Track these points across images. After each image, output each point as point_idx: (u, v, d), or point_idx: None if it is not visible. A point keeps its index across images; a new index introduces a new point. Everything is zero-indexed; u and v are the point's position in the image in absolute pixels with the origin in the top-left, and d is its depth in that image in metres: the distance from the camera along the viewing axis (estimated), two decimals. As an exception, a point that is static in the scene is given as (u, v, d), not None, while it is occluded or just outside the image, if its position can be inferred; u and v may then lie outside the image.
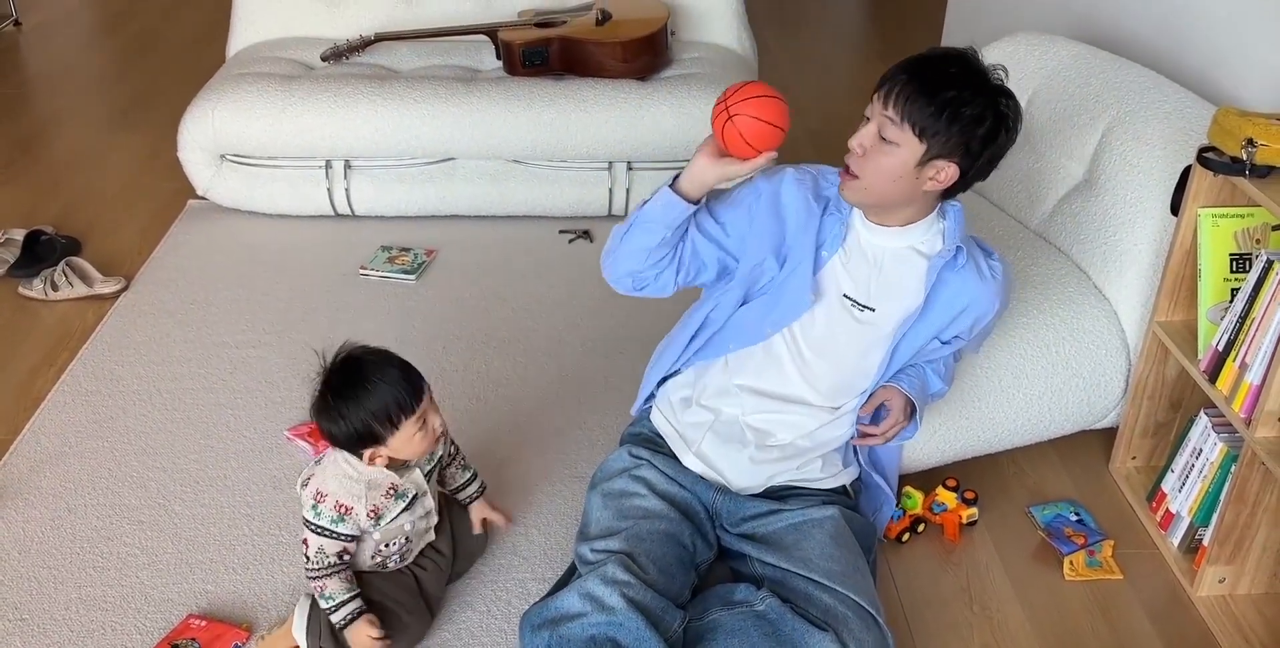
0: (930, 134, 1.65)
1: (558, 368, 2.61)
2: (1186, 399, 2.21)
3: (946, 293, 1.82)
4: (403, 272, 2.99)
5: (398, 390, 1.69)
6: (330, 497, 1.73)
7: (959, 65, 1.66)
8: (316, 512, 1.73)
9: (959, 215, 1.83)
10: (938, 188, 1.71)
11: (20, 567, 2.02)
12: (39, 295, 2.86)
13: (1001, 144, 1.69)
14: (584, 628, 1.68)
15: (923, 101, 1.63)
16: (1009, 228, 2.45)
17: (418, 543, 1.89)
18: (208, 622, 1.90)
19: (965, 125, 1.64)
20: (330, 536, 1.74)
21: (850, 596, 1.74)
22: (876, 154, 1.69)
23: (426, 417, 1.74)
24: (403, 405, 1.69)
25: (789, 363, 1.89)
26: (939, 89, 1.63)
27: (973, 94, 1.64)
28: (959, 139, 1.65)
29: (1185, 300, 2.08)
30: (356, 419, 1.68)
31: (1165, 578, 2.06)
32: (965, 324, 1.87)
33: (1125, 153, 2.26)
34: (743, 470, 1.94)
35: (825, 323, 1.86)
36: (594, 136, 3.10)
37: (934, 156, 1.67)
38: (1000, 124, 1.66)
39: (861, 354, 1.88)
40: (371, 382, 1.68)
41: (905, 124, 1.65)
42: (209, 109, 3.10)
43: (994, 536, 2.16)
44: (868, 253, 1.83)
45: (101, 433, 2.36)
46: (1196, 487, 2.03)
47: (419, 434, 1.73)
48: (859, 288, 1.84)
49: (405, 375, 1.72)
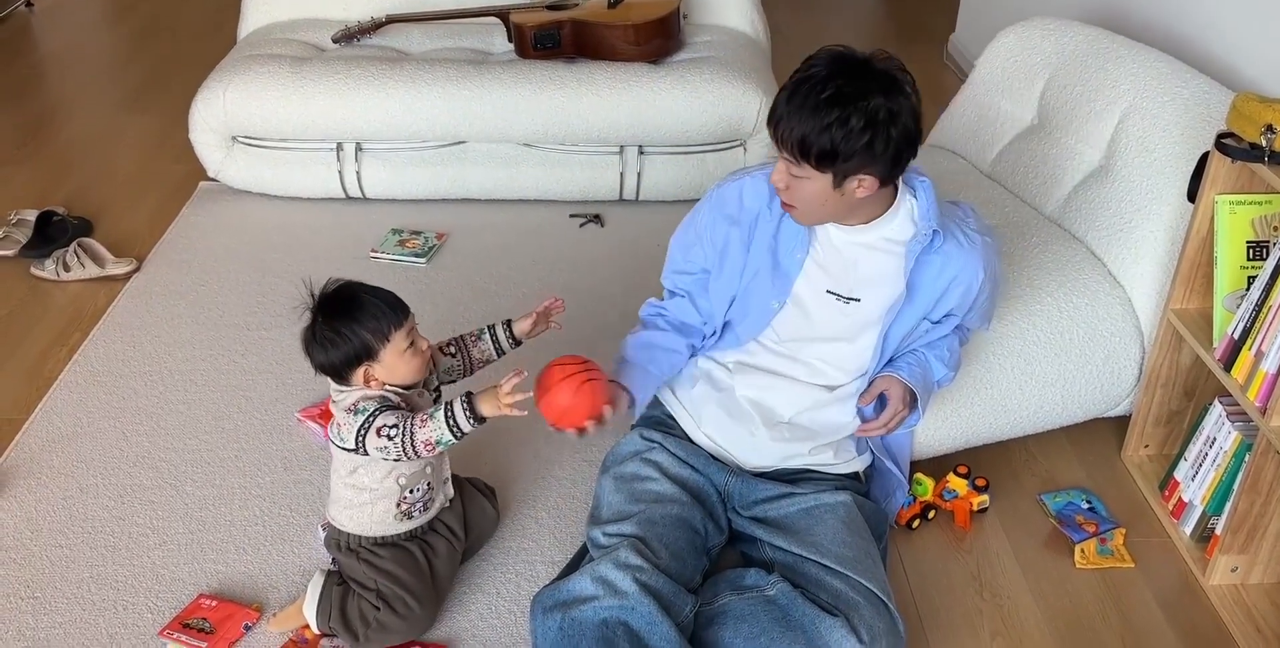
0: (828, 164, 1.64)
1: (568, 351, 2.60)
2: (1200, 388, 2.19)
3: (929, 274, 1.82)
4: (413, 255, 2.98)
5: (385, 306, 1.73)
6: (361, 397, 1.72)
7: (830, 79, 1.60)
8: (361, 410, 1.70)
9: (928, 191, 1.79)
10: (869, 194, 1.70)
11: (32, 546, 2.03)
12: (51, 276, 2.86)
13: (903, 137, 1.64)
14: (596, 612, 1.68)
15: (808, 138, 1.62)
16: (1023, 214, 2.43)
17: (439, 490, 1.88)
18: (219, 602, 1.90)
19: (854, 145, 1.61)
20: (389, 405, 1.72)
21: (861, 581, 1.74)
22: (797, 186, 1.70)
23: (414, 334, 1.76)
24: (392, 319, 1.72)
25: (778, 352, 1.92)
26: (816, 120, 1.60)
27: (850, 111, 1.59)
28: (858, 158, 1.63)
29: (1201, 288, 2.07)
30: (351, 335, 1.70)
31: (1177, 567, 2.06)
32: (954, 299, 1.85)
33: (1142, 139, 2.24)
34: (752, 449, 1.94)
35: (808, 318, 1.88)
36: (605, 120, 3.09)
37: (845, 177, 1.66)
38: (890, 127, 1.62)
39: (850, 338, 1.89)
40: (362, 299, 1.73)
41: (802, 162, 1.65)
42: (220, 90, 3.09)
43: (1005, 523, 2.15)
44: (841, 250, 1.83)
45: (113, 414, 2.37)
46: (1210, 476, 2.02)
47: (409, 352, 1.74)
48: (839, 283, 1.85)
49: (390, 294, 1.76)
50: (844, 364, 1.91)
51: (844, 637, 1.66)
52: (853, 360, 1.90)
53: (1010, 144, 2.61)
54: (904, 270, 1.80)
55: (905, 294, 1.81)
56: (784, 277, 1.86)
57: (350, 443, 1.72)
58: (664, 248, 2.04)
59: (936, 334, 1.92)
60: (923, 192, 1.79)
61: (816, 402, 1.93)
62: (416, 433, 1.69)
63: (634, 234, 3.12)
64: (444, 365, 1.91)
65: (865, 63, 1.63)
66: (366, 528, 1.82)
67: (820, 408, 1.93)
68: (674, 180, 3.23)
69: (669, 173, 3.22)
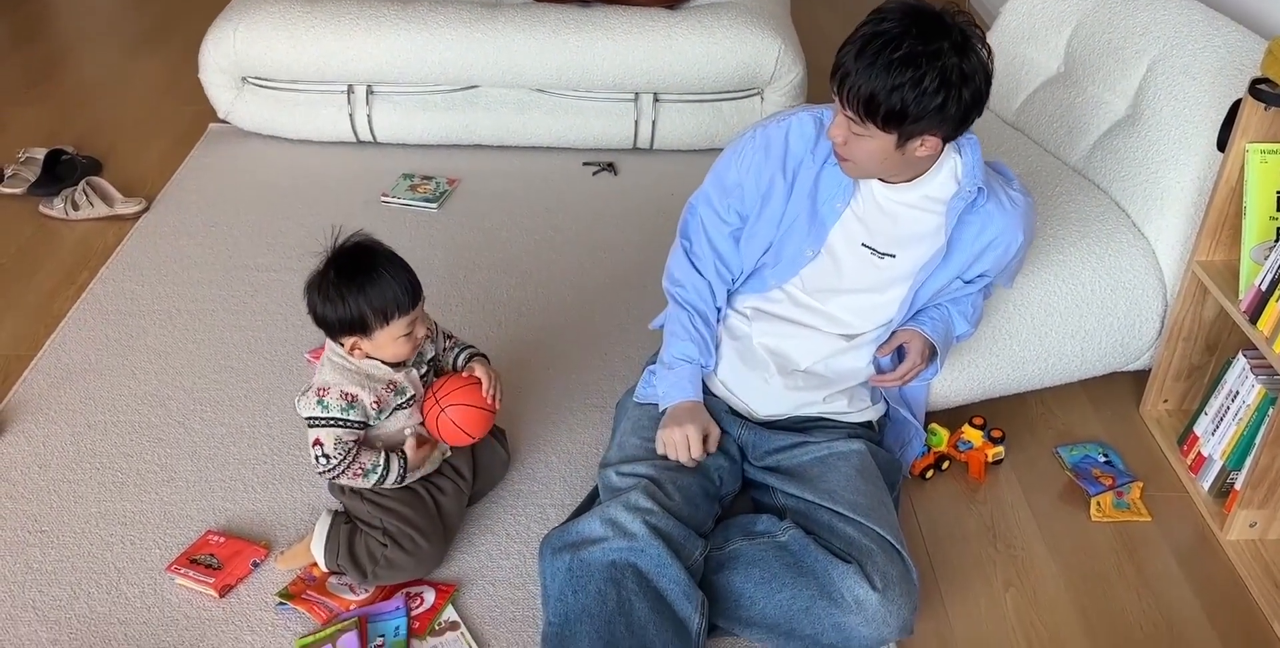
0: (895, 124, 1.58)
1: (579, 298, 2.58)
2: (1223, 341, 2.16)
3: (969, 233, 1.77)
4: (424, 200, 2.95)
5: (400, 288, 1.68)
6: (334, 388, 1.70)
7: (903, 36, 1.53)
8: (324, 405, 1.70)
9: (975, 149, 1.74)
10: (931, 153, 1.65)
11: (40, 481, 2.02)
12: (59, 215, 2.83)
13: (973, 98, 1.59)
14: (605, 553, 1.67)
15: (877, 98, 1.55)
16: (1047, 164, 2.39)
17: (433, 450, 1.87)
18: (226, 538, 1.89)
19: (926, 107, 1.55)
20: (343, 424, 1.70)
21: (875, 528, 1.72)
22: (856, 142, 1.64)
23: (416, 323, 1.72)
24: (400, 304, 1.68)
25: (800, 302, 1.87)
26: (887, 79, 1.53)
27: (924, 71, 1.52)
28: (927, 120, 1.57)
29: (1228, 239, 2.03)
30: (354, 305, 1.66)
31: (1194, 521, 2.04)
32: (990, 261, 1.82)
33: (1171, 87, 2.19)
34: (766, 397, 1.91)
35: (840, 270, 1.83)
36: (620, 66, 3.03)
37: (909, 137, 1.61)
38: (963, 89, 1.56)
39: (880, 291, 1.84)
40: (379, 272, 1.67)
41: (867, 121, 1.59)
42: (230, 30, 3.04)
43: (1020, 475, 2.13)
44: (883, 205, 1.78)
45: (121, 351, 2.35)
46: (1231, 430, 1.99)
47: (403, 338, 1.71)
48: (875, 237, 1.80)
49: (410, 277, 1.71)
50: (868, 315, 1.87)
51: (857, 583, 1.64)
52: (878, 312, 1.86)
53: (1035, 93, 2.55)
54: (945, 229, 1.76)
55: (944, 252, 1.77)
56: (820, 225, 1.81)
57: (301, 417, 1.73)
58: (679, 198, 2.00)
59: (965, 292, 1.88)
60: (969, 149, 1.73)
61: (834, 350, 1.89)
62: (343, 478, 1.73)
63: (648, 183, 3.08)
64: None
65: (939, 18, 1.55)
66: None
67: (837, 355, 1.90)
68: (689, 129, 3.18)
69: (684, 121, 3.17)
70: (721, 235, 1.90)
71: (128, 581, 1.82)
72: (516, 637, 1.75)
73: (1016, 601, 1.87)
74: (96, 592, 1.80)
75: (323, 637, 1.71)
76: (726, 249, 1.90)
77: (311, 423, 1.71)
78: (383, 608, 1.77)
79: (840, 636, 1.66)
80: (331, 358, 1.74)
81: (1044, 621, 1.83)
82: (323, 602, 1.78)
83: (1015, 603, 1.86)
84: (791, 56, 3.07)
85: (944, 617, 1.83)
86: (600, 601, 1.64)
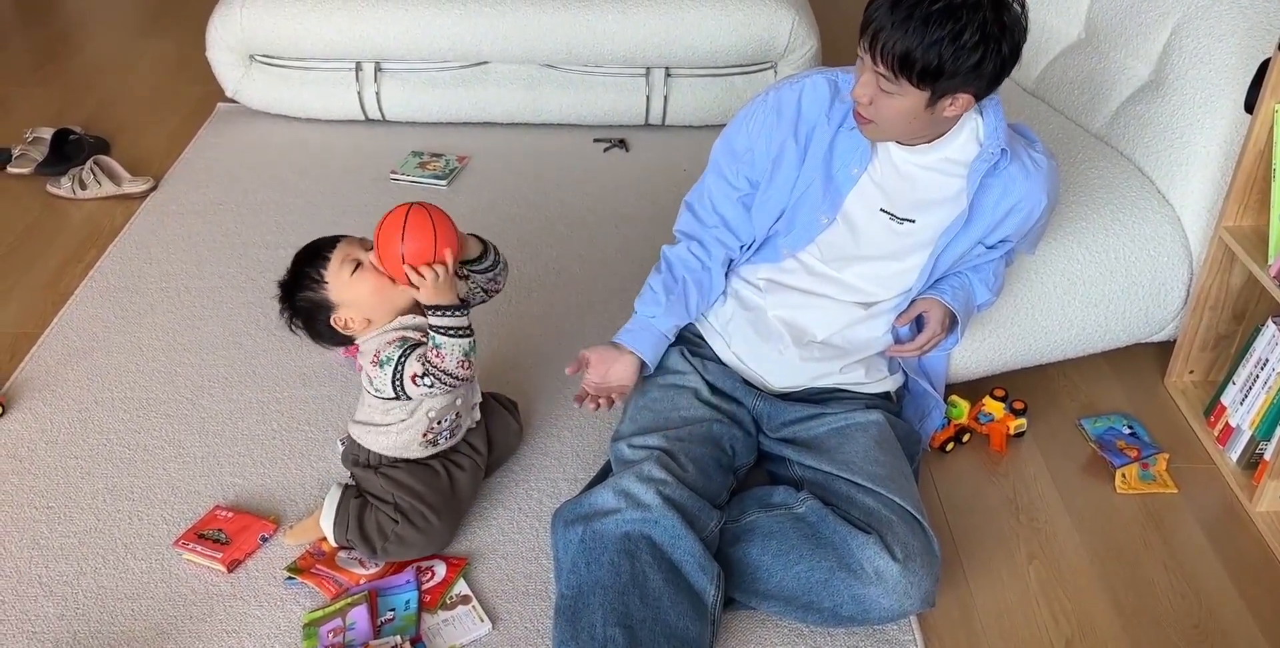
0: (930, 81, 1.52)
1: (591, 275, 2.54)
2: (1251, 310, 2.11)
3: (991, 197, 1.72)
4: (434, 177, 2.91)
5: (305, 254, 1.72)
6: (381, 346, 1.67)
7: None
8: (388, 360, 1.65)
9: (998, 110, 1.68)
10: (959, 112, 1.60)
11: (47, 457, 1.99)
12: (67, 194, 2.81)
13: (1011, 53, 1.54)
14: (618, 524, 1.63)
15: (913, 54, 1.49)
16: (1069, 131, 2.33)
17: (466, 416, 1.82)
18: (235, 513, 1.86)
19: (964, 63, 1.49)
20: (409, 351, 1.65)
21: (894, 499, 1.68)
22: (883, 101, 1.57)
23: (355, 254, 1.68)
24: (312, 262, 1.69)
25: (815, 271, 1.82)
26: (925, 34, 1.47)
27: (964, 24, 1.47)
28: (963, 76, 1.52)
29: (1256, 204, 1.98)
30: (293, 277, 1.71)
31: (1222, 493, 1.99)
32: (1013, 225, 1.76)
33: (1196, 49, 2.13)
34: (781, 369, 1.87)
35: (857, 236, 1.78)
36: (631, 40, 2.99)
37: (942, 95, 1.55)
38: (1002, 43, 1.50)
39: (900, 258, 1.79)
40: (291, 270, 1.73)
41: (900, 78, 1.52)
42: (237, 7, 3.00)
43: (1042, 447, 2.09)
44: (900, 168, 1.72)
45: (129, 329, 2.32)
46: (1260, 399, 1.94)
47: (358, 275, 1.66)
48: (894, 202, 1.74)
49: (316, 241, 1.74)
50: (887, 283, 1.81)
51: (877, 554, 1.60)
52: (898, 279, 1.81)
53: (1055, 60, 2.50)
54: (967, 193, 1.70)
55: (965, 216, 1.72)
56: (835, 191, 1.75)
57: (390, 393, 1.68)
58: (691, 174, 1.96)
59: (987, 258, 1.83)
60: (991, 110, 1.67)
61: (851, 319, 1.84)
62: (444, 366, 1.63)
63: (660, 160, 3.04)
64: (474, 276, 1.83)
65: None
66: (389, 449, 1.78)
67: (854, 325, 1.85)
68: (702, 104, 3.13)
69: (697, 96, 3.12)
70: (729, 201, 1.84)
71: (135, 556, 1.80)
72: (528, 610, 1.72)
73: (1040, 574, 1.82)
74: (104, 567, 1.78)
75: (332, 611, 1.68)
76: (734, 215, 1.85)
77: (396, 382, 1.65)
78: (393, 582, 1.74)
79: (859, 608, 1.62)
80: (362, 345, 1.72)
81: (1069, 594, 1.79)
82: (332, 576, 1.75)
83: (1039, 576, 1.82)
84: (805, 29, 3.02)
85: (966, 590, 1.79)
86: (614, 572, 1.61)
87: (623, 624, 1.57)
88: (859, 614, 1.63)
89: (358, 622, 1.65)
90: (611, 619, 1.57)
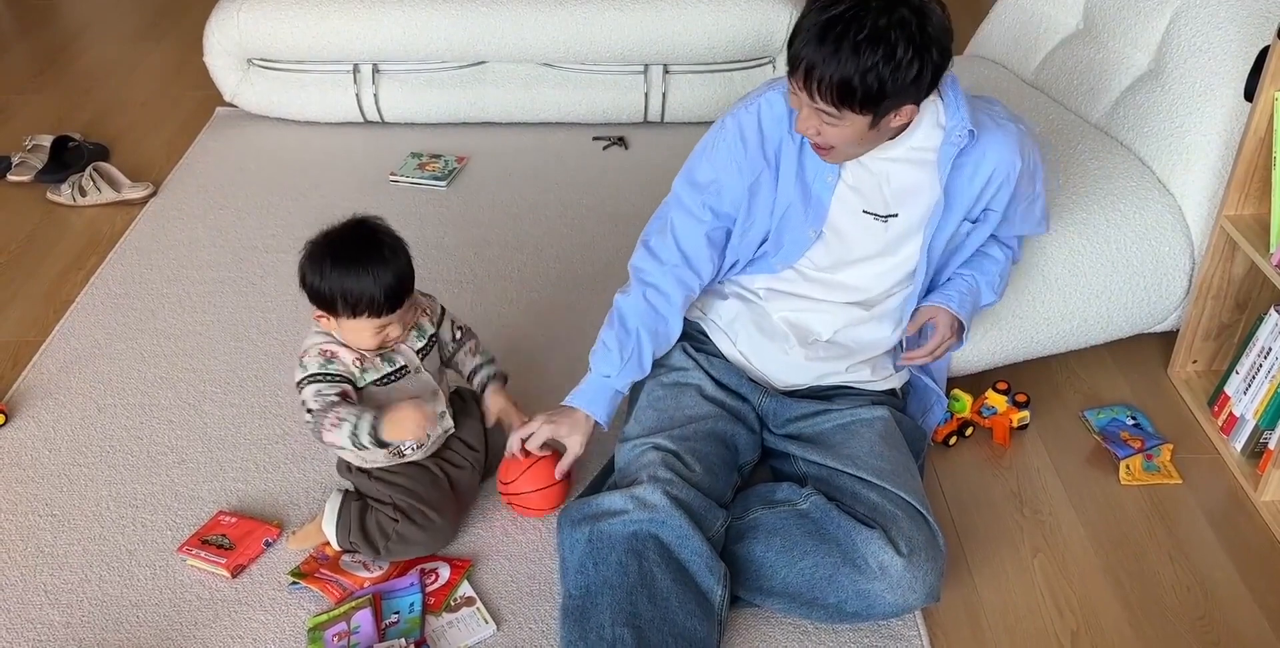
0: (872, 106, 1.51)
1: (592, 274, 2.54)
2: (1254, 299, 2.10)
3: (964, 176, 1.69)
4: (433, 178, 2.91)
5: (378, 291, 1.61)
6: (312, 347, 1.69)
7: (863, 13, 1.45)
8: (304, 366, 1.68)
9: (955, 89, 1.65)
10: (906, 121, 1.59)
11: (50, 464, 2.00)
12: (67, 201, 2.81)
13: (942, 57, 1.51)
14: (625, 524, 1.63)
15: (851, 83, 1.47)
16: (1068, 122, 2.32)
17: (434, 426, 1.82)
18: (238, 518, 1.87)
19: (902, 80, 1.48)
20: (323, 378, 1.67)
21: (899, 494, 1.67)
22: (831, 131, 1.57)
23: (389, 327, 1.67)
24: (373, 305, 1.62)
25: (811, 278, 1.81)
26: (858, 62, 1.45)
27: (894, 43, 1.45)
28: (902, 93, 1.51)
29: (1257, 192, 1.97)
30: (329, 286, 1.63)
31: (1227, 483, 1.98)
32: (990, 196, 1.72)
33: (1195, 37, 2.12)
34: (787, 368, 1.86)
35: (845, 243, 1.77)
36: (628, 37, 2.98)
37: (885, 113, 1.54)
38: (933, 50, 1.49)
39: (892, 252, 1.77)
40: (366, 267, 1.61)
41: (843, 108, 1.51)
42: (234, 11, 3.01)
43: (1046, 440, 2.08)
44: (870, 167, 1.70)
45: (131, 335, 2.33)
46: (1264, 388, 1.93)
47: (369, 333, 1.66)
48: (872, 202, 1.73)
49: (398, 282, 1.64)
50: (885, 277, 1.80)
51: (881, 548, 1.60)
52: (895, 272, 1.80)
53: (1054, 51, 2.49)
54: (940, 177, 1.69)
55: (943, 202, 1.71)
56: (817, 203, 1.74)
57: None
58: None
59: (980, 234, 1.80)
60: (949, 90, 1.65)
61: (853, 319, 1.83)
62: (324, 432, 1.65)
63: (659, 157, 3.03)
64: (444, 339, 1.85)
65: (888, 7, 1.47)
66: (358, 462, 1.80)
67: (858, 325, 1.84)
68: (700, 100, 3.13)
69: (695, 93, 3.12)
70: (693, 235, 1.79)
71: (139, 563, 1.80)
72: (533, 611, 1.72)
73: (1045, 567, 1.82)
74: (108, 574, 1.78)
75: (337, 615, 1.68)
76: (696, 251, 1.79)
77: (298, 386, 1.69)
78: (397, 585, 1.74)
79: (864, 603, 1.62)
80: (313, 323, 1.73)
81: (1074, 587, 1.78)
82: (336, 580, 1.75)
83: (1044, 569, 1.82)
84: (802, 23, 3.01)
85: (971, 584, 1.79)
86: (622, 572, 1.61)
87: (631, 624, 1.57)
88: (864, 610, 1.63)
89: (362, 625, 1.66)
90: (620, 619, 1.58)
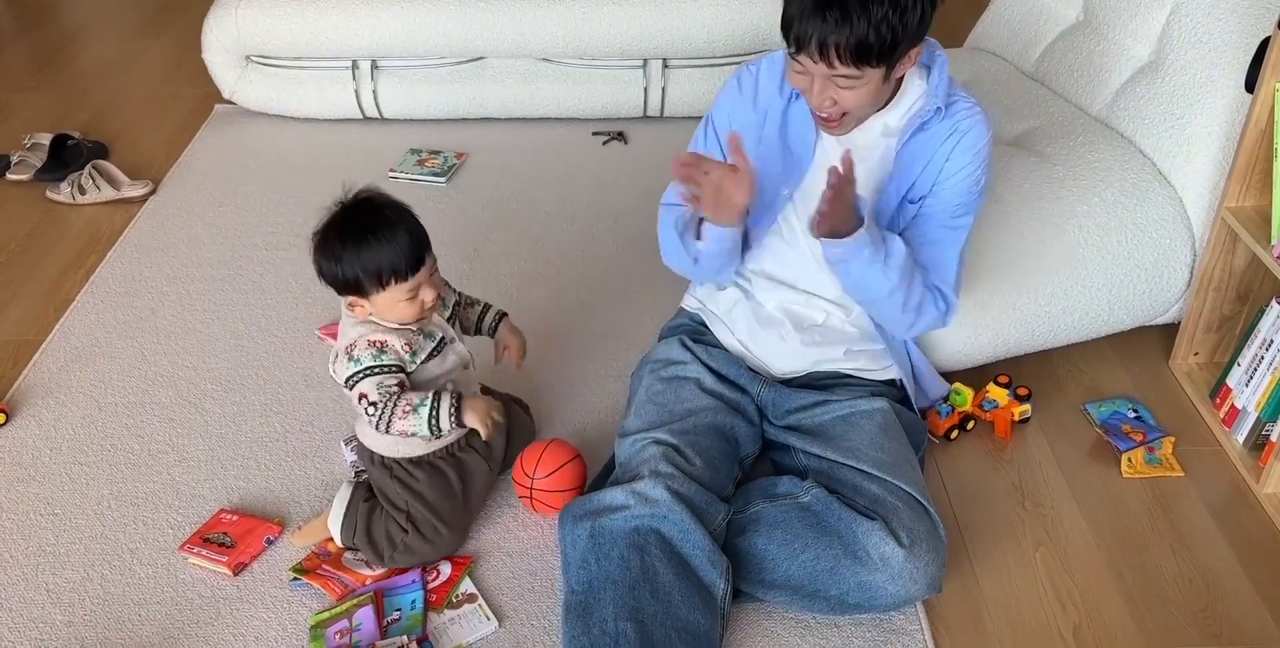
0: (883, 57, 1.51)
1: (592, 269, 2.54)
2: (1255, 291, 2.09)
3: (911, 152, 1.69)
4: (433, 174, 2.90)
5: (398, 255, 1.59)
6: (360, 340, 1.65)
7: None
8: (356, 360, 1.64)
9: (943, 70, 1.66)
10: (912, 64, 1.60)
11: (51, 463, 2.00)
12: (66, 199, 2.81)
13: None
14: (627, 520, 1.63)
15: (867, 41, 1.48)
16: (1069, 114, 2.31)
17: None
18: (240, 516, 1.87)
19: (910, 24, 1.49)
20: (380, 370, 1.64)
21: (900, 485, 1.67)
22: (849, 96, 1.57)
23: (420, 288, 1.64)
24: (396, 271, 1.60)
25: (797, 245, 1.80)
26: (869, 17, 1.46)
27: None
28: (912, 35, 1.51)
29: (1258, 184, 1.96)
30: (349, 267, 1.60)
31: (1229, 475, 1.98)
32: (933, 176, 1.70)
33: (1195, 29, 2.11)
34: (785, 355, 1.87)
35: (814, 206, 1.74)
36: (627, 31, 2.97)
37: (897, 61, 1.55)
38: None
39: None
40: (377, 237, 1.59)
41: (863, 67, 1.52)
42: (233, 8, 3.00)
43: (1047, 433, 2.07)
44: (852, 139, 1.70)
45: (131, 333, 2.33)
46: (1266, 380, 1.93)
47: (405, 302, 1.63)
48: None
49: (413, 241, 1.61)
50: None
51: (883, 540, 1.60)
52: None
53: (1054, 43, 2.48)
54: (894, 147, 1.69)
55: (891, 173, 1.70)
56: (795, 163, 1.75)
57: (340, 381, 1.68)
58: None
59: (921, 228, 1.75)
60: (937, 71, 1.67)
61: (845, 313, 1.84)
62: (395, 421, 1.64)
63: (658, 152, 3.02)
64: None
65: None
66: (394, 449, 1.76)
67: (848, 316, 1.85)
68: (700, 95, 3.12)
69: (694, 87, 3.11)
70: None
71: (141, 561, 1.80)
72: (535, 608, 1.72)
73: (1047, 560, 1.82)
74: (110, 573, 1.78)
75: (339, 612, 1.68)
76: None
77: (350, 382, 1.65)
78: (399, 582, 1.74)
79: (865, 595, 1.61)
80: (347, 315, 1.69)
81: (1076, 579, 1.78)
82: (338, 577, 1.75)
83: (1046, 562, 1.81)
84: (801, 16, 3.00)
85: (973, 578, 1.79)
86: (624, 567, 1.61)
87: (634, 619, 1.57)
88: (865, 601, 1.63)
89: (364, 622, 1.66)
90: (623, 614, 1.57)
